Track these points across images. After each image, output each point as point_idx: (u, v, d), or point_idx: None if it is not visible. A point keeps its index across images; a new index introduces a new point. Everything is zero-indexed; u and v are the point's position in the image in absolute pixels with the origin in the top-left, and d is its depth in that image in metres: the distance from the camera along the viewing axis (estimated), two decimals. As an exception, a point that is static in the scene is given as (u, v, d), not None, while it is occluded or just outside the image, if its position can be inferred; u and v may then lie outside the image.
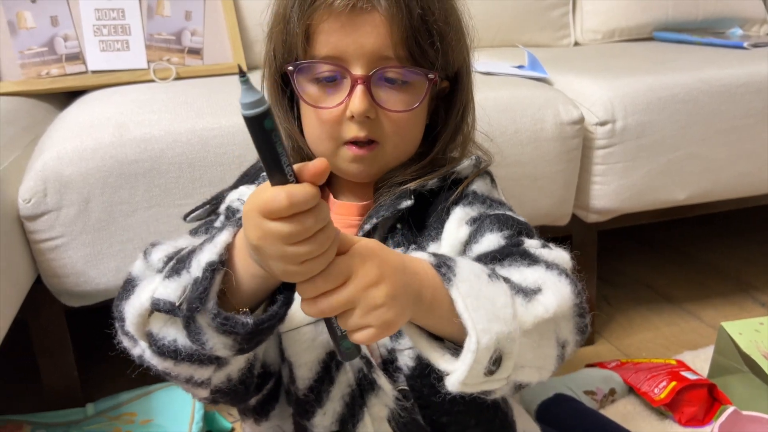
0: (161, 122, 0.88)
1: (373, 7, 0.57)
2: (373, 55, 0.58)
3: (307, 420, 0.59)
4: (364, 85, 0.58)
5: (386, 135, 0.61)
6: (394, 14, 0.57)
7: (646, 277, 1.49)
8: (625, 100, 1.04)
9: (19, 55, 1.19)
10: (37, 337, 0.95)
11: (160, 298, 0.48)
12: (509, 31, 1.53)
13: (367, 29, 0.57)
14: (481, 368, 0.47)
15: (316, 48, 0.59)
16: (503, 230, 0.59)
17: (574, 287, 0.53)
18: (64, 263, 0.85)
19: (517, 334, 0.48)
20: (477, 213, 0.62)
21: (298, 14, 0.58)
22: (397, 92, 0.60)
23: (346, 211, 0.65)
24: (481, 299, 0.47)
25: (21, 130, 1.00)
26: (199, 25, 1.29)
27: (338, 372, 0.59)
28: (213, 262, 0.46)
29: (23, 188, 0.83)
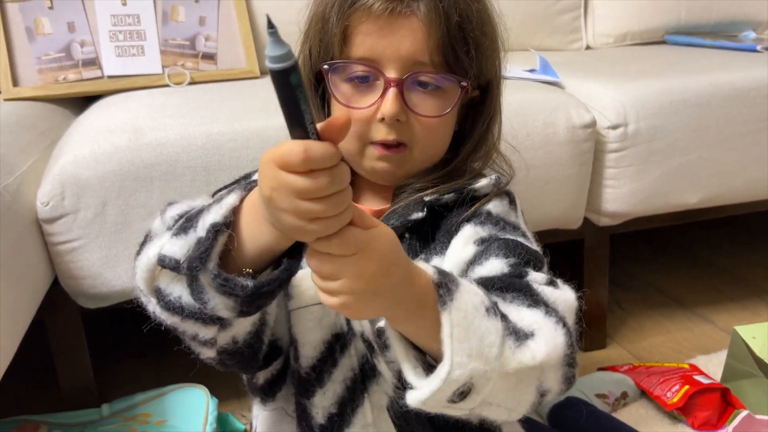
0: (176, 127, 0.89)
1: (412, 11, 0.58)
2: (409, 59, 0.59)
3: (307, 399, 0.60)
4: (397, 88, 0.59)
5: (415, 139, 0.62)
6: (433, 20, 0.58)
7: (658, 281, 1.48)
8: (637, 104, 1.04)
9: (36, 60, 1.20)
10: (54, 338, 0.97)
11: (166, 254, 0.49)
12: (521, 35, 1.53)
13: (404, 33, 0.58)
14: (444, 396, 0.47)
15: (353, 49, 0.60)
16: (509, 257, 0.57)
17: (568, 339, 0.52)
18: (81, 265, 0.86)
19: (494, 374, 0.47)
20: (487, 234, 0.60)
21: (337, 14, 0.59)
22: (429, 97, 0.61)
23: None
24: (471, 332, 0.46)
25: (38, 135, 1.02)
26: (213, 30, 1.31)
27: (342, 355, 0.60)
28: (217, 224, 0.47)
29: (41, 191, 0.84)
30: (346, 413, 0.60)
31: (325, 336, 0.60)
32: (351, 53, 0.60)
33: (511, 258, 0.57)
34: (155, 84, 1.23)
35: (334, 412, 0.60)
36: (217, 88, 1.18)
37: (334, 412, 0.60)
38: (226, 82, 1.24)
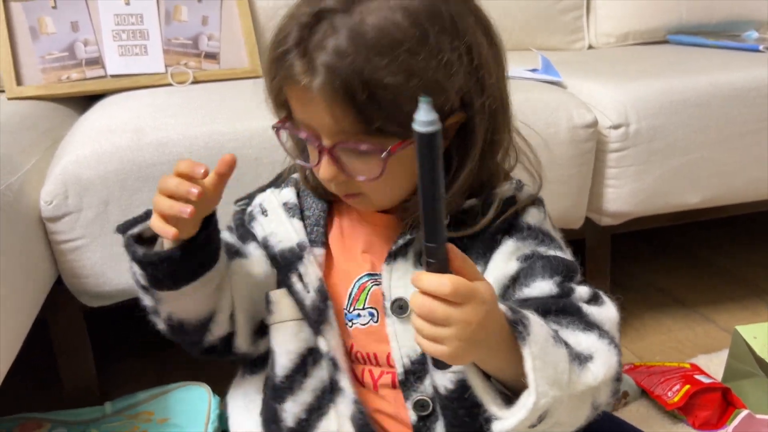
0: (178, 126, 0.89)
1: (311, 88, 0.53)
2: (333, 128, 0.55)
3: (279, 404, 0.64)
4: (329, 155, 0.56)
5: (365, 190, 0.60)
6: (331, 98, 0.52)
7: (659, 281, 1.48)
8: (638, 104, 1.05)
9: (40, 59, 1.21)
10: (57, 337, 0.97)
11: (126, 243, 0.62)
12: (522, 35, 1.53)
13: (315, 107, 0.54)
14: (528, 422, 0.50)
15: (294, 110, 0.58)
16: (555, 276, 0.59)
17: (619, 357, 0.56)
18: (84, 264, 0.87)
19: (566, 398, 0.51)
20: (530, 250, 0.61)
21: (269, 83, 0.58)
22: (361, 160, 0.57)
23: (385, 223, 0.64)
24: (547, 363, 0.49)
25: (41, 134, 1.02)
26: (215, 29, 1.31)
27: (314, 367, 0.63)
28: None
29: (45, 190, 0.84)
30: (312, 419, 0.64)
31: (299, 348, 0.64)
32: (294, 114, 0.58)
33: (556, 277, 0.59)
34: (158, 83, 1.23)
35: (303, 417, 0.64)
36: (220, 87, 1.18)
37: (303, 418, 0.64)
38: (228, 82, 1.24)
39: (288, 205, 0.67)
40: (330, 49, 0.52)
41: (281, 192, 0.69)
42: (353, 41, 0.52)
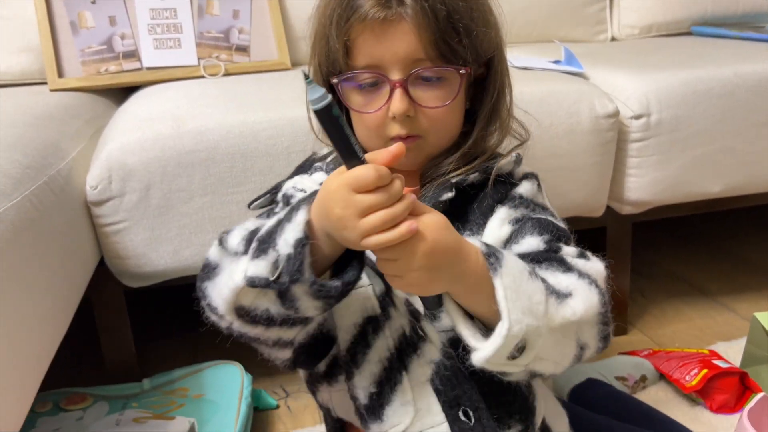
0: (215, 115, 0.94)
1: (402, 17, 0.61)
2: (407, 59, 0.63)
3: (348, 380, 0.65)
4: (402, 87, 0.63)
5: (427, 129, 0.66)
6: (421, 21, 0.61)
7: (681, 271, 1.50)
8: (660, 94, 1.06)
9: (80, 53, 1.26)
10: (100, 316, 1.02)
11: (254, 276, 0.53)
12: (546, 27, 1.55)
13: (399, 37, 0.62)
14: (505, 352, 0.53)
15: (356, 59, 0.64)
16: (543, 234, 0.63)
17: (602, 298, 0.59)
18: (126, 246, 0.92)
19: (544, 329, 0.54)
20: (520, 214, 0.66)
21: (336, 31, 0.63)
22: (433, 89, 0.65)
23: None
24: (520, 293, 0.53)
25: (84, 123, 1.07)
26: (246, 23, 1.35)
27: (375, 336, 0.64)
28: (301, 239, 0.53)
29: (90, 176, 0.89)
30: (385, 391, 0.63)
31: (356, 320, 0.64)
32: (355, 63, 0.64)
33: (545, 235, 0.63)
34: (191, 75, 1.27)
35: (374, 391, 0.63)
36: (250, 79, 1.23)
37: (373, 391, 0.64)
38: (258, 74, 1.28)
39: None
40: None
41: (312, 176, 0.74)
42: None
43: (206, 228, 0.92)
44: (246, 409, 0.97)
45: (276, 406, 1.06)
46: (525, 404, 0.67)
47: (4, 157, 0.76)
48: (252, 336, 0.59)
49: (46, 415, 0.98)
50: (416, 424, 0.63)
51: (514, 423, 0.65)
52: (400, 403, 0.63)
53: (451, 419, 0.63)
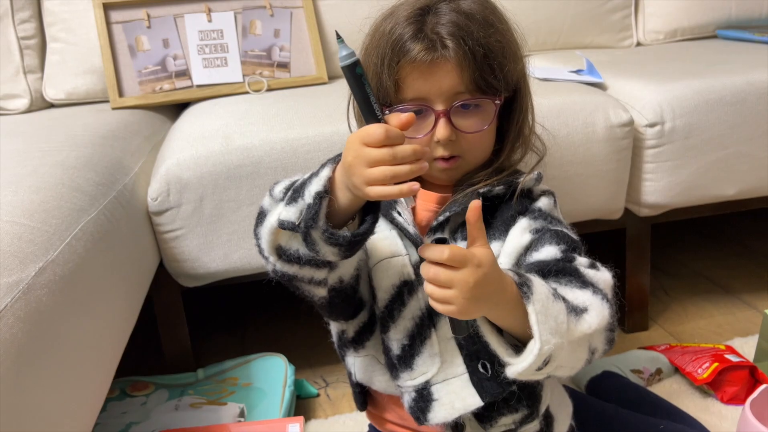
0: (260, 133, 1.04)
1: (446, 59, 0.71)
2: (449, 92, 0.72)
3: (384, 333, 0.76)
4: (445, 117, 0.73)
5: (465, 150, 0.75)
6: (462, 61, 0.71)
7: (705, 269, 1.54)
8: (674, 103, 1.12)
9: (137, 73, 1.39)
10: (159, 312, 1.15)
11: (284, 219, 0.63)
12: (572, 34, 1.61)
13: (443, 75, 0.72)
14: (535, 366, 0.62)
15: (405, 93, 0.73)
16: (560, 245, 0.72)
17: (611, 309, 0.68)
18: (183, 250, 1.03)
19: (565, 344, 0.62)
20: (540, 225, 0.75)
21: (388, 72, 0.73)
22: (471, 117, 0.74)
23: (428, 198, 0.79)
24: (548, 316, 0.61)
25: (143, 140, 1.19)
26: (286, 41, 1.46)
27: (410, 297, 0.75)
28: (320, 192, 0.62)
29: (151, 189, 1.01)
30: (416, 344, 0.74)
31: (394, 282, 0.75)
32: (403, 96, 0.74)
33: (562, 245, 0.72)
34: (237, 91, 1.39)
35: (406, 343, 0.74)
36: (291, 94, 1.33)
37: (405, 343, 0.75)
38: (298, 88, 1.39)
39: None
40: (450, 25, 0.71)
41: None
42: (465, 17, 0.71)
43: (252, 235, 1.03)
44: (289, 396, 1.08)
45: (317, 394, 1.16)
46: (533, 392, 0.76)
47: (80, 176, 0.89)
48: (291, 274, 0.68)
49: (114, 400, 1.11)
50: (440, 374, 0.74)
51: (521, 408, 0.75)
52: (428, 354, 0.74)
53: (471, 370, 0.73)
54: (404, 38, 0.71)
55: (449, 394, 0.74)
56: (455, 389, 0.74)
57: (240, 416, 1.03)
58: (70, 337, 0.66)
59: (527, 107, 0.80)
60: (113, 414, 1.07)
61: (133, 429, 1.03)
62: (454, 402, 0.73)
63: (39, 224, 0.70)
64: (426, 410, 0.74)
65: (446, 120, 0.73)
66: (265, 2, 1.46)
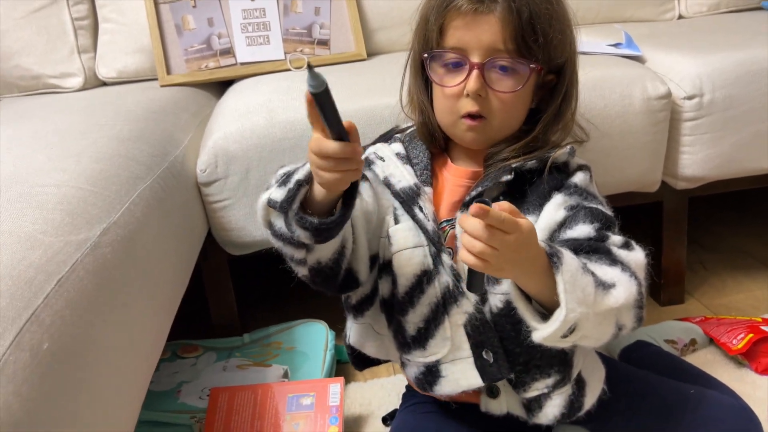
0: (301, 108, 1.06)
1: (491, 10, 0.74)
2: (489, 47, 0.75)
3: (402, 317, 0.81)
4: (479, 70, 0.75)
5: (493, 111, 0.77)
6: (506, 17, 0.74)
7: (745, 244, 1.53)
8: (713, 75, 1.12)
9: (184, 51, 1.44)
10: (208, 279, 1.21)
11: (272, 198, 0.70)
12: (612, 8, 1.60)
13: (485, 27, 0.74)
14: (560, 333, 0.65)
15: (446, 40, 0.77)
16: (594, 223, 0.74)
17: (639, 287, 0.70)
18: (230, 220, 1.09)
19: (591, 315, 0.65)
20: (575, 202, 0.77)
21: (435, 15, 0.77)
22: (505, 77, 0.76)
23: (460, 174, 0.82)
24: (576, 286, 0.64)
25: (192, 115, 1.25)
26: (326, 19, 1.49)
27: (428, 285, 0.79)
28: (300, 180, 0.68)
29: (200, 161, 1.06)
30: (430, 328, 0.79)
31: (415, 271, 0.80)
32: (444, 44, 0.77)
33: (596, 223, 0.74)
34: (278, 69, 1.43)
35: (422, 326, 0.80)
36: (331, 70, 1.36)
37: (421, 327, 0.80)
38: (338, 65, 1.42)
39: (400, 155, 0.83)
40: None
41: (390, 145, 0.86)
42: None
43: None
44: (330, 359, 1.13)
45: (356, 360, 1.21)
46: (564, 359, 0.79)
47: (135, 148, 0.94)
48: (277, 248, 0.75)
49: (166, 361, 1.18)
50: (449, 355, 0.79)
51: (553, 373, 0.78)
52: (441, 338, 0.79)
53: (476, 356, 0.78)
54: None
55: (455, 372, 0.79)
56: (461, 369, 0.79)
57: (284, 377, 1.09)
58: (131, 293, 0.72)
59: (571, 93, 0.81)
60: (166, 373, 1.14)
61: (184, 387, 1.09)
62: (459, 380, 0.79)
63: (101, 190, 0.75)
64: (432, 383, 0.81)
65: (479, 73, 0.75)
66: (306, -20, 1.49)
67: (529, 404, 0.80)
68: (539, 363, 0.78)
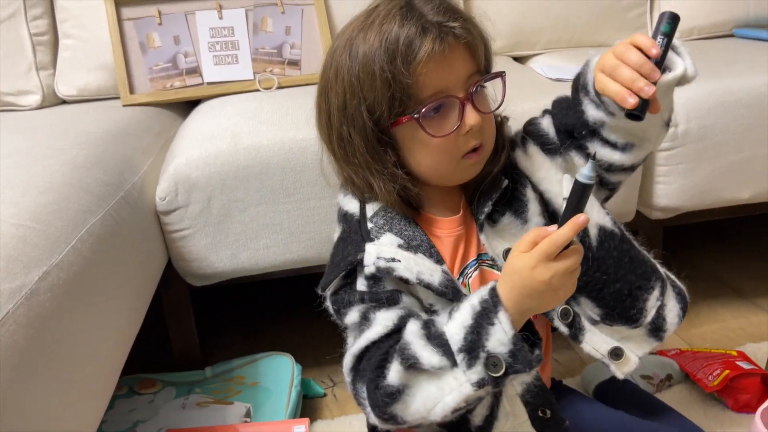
0: (268, 133, 1.04)
1: (457, 42, 0.70)
2: (466, 76, 0.72)
3: (470, 413, 0.75)
4: (470, 102, 0.71)
5: (487, 134, 0.75)
6: (469, 41, 0.71)
7: (720, 272, 1.52)
8: (688, 105, 1.10)
9: (148, 70, 1.39)
10: (168, 310, 1.15)
11: (479, 379, 0.64)
12: (586, 32, 1.59)
13: (458, 60, 0.71)
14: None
15: (422, 92, 0.69)
16: None
17: None
18: (190, 250, 1.03)
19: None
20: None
21: (402, 77, 0.68)
22: (485, 97, 0.75)
23: (449, 226, 0.78)
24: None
25: (155, 136, 1.20)
26: (297, 39, 1.45)
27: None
28: (514, 337, 0.64)
29: (159, 188, 1.01)
30: (494, 411, 0.76)
31: None
32: (422, 96, 0.70)
33: None
34: (247, 89, 1.39)
35: (487, 414, 0.76)
36: (301, 92, 1.32)
37: (487, 414, 0.76)
38: (309, 86, 1.38)
39: (402, 246, 0.73)
40: (441, 10, 0.70)
41: (381, 241, 0.74)
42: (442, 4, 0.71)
43: (260, 234, 1.03)
44: (296, 396, 1.08)
45: (323, 394, 1.16)
46: (653, 267, 0.84)
47: (89, 175, 0.89)
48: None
49: (122, 397, 1.11)
50: (508, 425, 0.76)
51: (655, 284, 0.83)
52: (503, 416, 0.76)
53: (533, 418, 0.77)
54: (411, 37, 0.68)
55: None
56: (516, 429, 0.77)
57: (246, 416, 1.04)
58: (73, 339, 0.66)
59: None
60: (121, 411, 1.08)
61: (140, 427, 1.03)
62: None
63: (44, 227, 0.70)
64: None
65: (472, 105, 0.71)
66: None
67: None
68: (639, 282, 0.81)
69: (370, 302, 0.73)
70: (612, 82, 0.67)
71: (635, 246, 0.84)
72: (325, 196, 1.02)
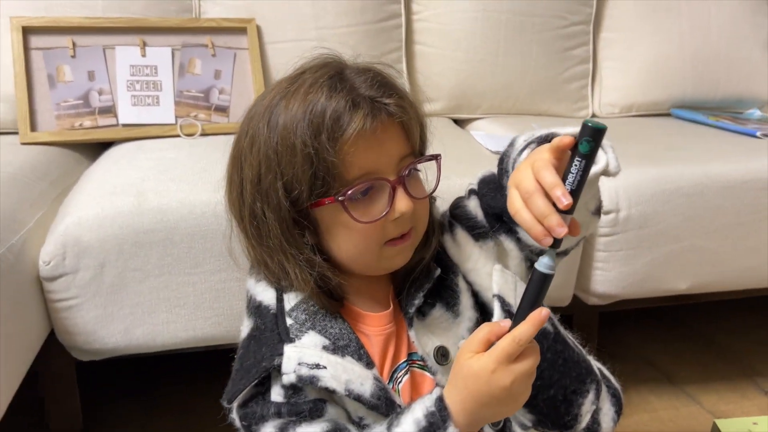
0: (179, 193, 0.92)
1: (390, 120, 0.62)
2: (398, 157, 0.64)
3: None
4: (402, 186, 0.63)
5: (417, 219, 0.66)
6: (404, 120, 0.63)
7: (651, 355, 1.48)
8: (630, 191, 1.07)
9: (55, 106, 1.26)
10: (47, 386, 1.00)
11: None
12: (529, 101, 1.57)
13: (389, 138, 0.63)
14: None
15: (348, 172, 0.61)
16: None
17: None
18: (77, 322, 0.90)
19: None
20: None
21: (327, 155, 0.60)
22: (417, 180, 0.67)
23: (378, 322, 0.69)
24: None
25: (49, 185, 1.06)
26: (227, 83, 1.35)
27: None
28: None
29: (44, 251, 0.88)
30: None
31: None
32: (348, 176, 0.61)
33: None
34: (167, 134, 1.27)
35: None
36: (227, 141, 1.20)
37: None
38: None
39: (328, 348, 0.64)
40: (374, 84, 0.63)
41: (303, 342, 0.64)
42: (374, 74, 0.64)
43: (160, 308, 0.91)
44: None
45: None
46: (587, 368, 0.76)
47: (-47, 235, 0.75)
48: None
49: (-18, 489, 0.95)
50: None
51: (590, 387, 0.74)
52: None
53: None
54: (339, 111, 0.60)
55: None
56: None
57: None
58: None
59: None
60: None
61: None
62: None
63: None
64: None
65: (404, 189, 0.63)
66: (208, 40, 1.36)
67: None
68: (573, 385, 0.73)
69: (289, 416, 0.62)
70: (525, 210, 0.57)
71: (569, 344, 0.77)
72: (239, 268, 0.91)
